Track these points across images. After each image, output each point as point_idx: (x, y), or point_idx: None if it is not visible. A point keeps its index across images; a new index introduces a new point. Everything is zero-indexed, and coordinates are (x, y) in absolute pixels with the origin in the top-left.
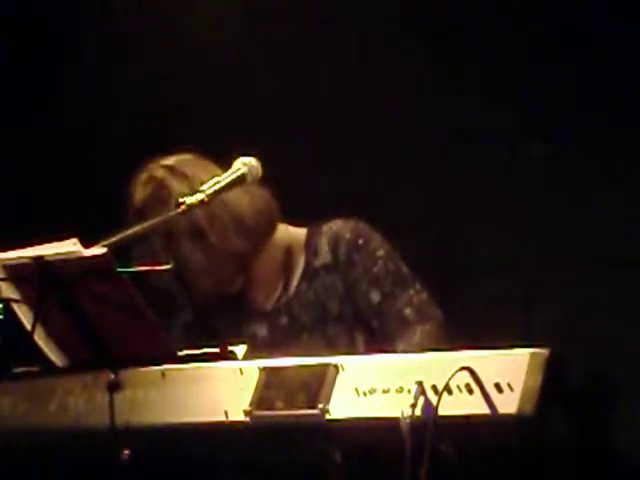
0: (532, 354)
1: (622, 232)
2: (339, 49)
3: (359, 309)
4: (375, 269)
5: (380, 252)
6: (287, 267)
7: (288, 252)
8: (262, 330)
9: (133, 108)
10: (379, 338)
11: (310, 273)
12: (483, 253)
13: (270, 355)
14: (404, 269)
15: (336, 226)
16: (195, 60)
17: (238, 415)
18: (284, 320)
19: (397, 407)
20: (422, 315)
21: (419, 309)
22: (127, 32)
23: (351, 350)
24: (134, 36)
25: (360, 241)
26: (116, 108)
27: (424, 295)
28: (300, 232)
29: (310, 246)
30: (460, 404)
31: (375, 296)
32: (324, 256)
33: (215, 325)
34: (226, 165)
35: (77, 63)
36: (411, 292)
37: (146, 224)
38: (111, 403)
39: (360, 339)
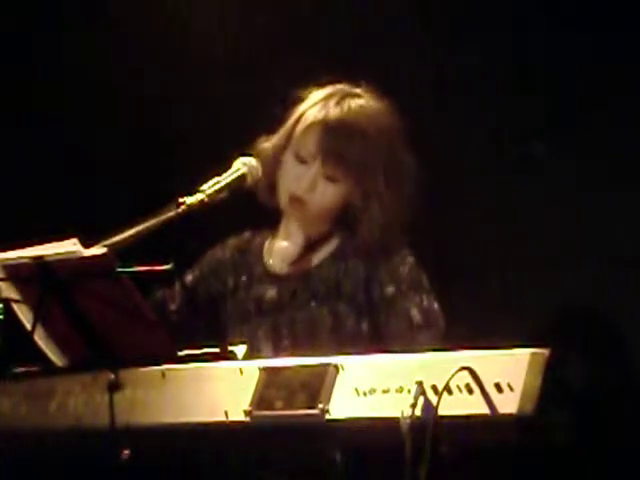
0: (532, 354)
1: (622, 232)
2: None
3: (372, 299)
4: (400, 269)
5: (410, 259)
6: (318, 240)
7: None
8: (271, 292)
9: (133, 108)
10: (382, 333)
11: (339, 255)
12: (483, 253)
13: (274, 320)
14: (425, 281)
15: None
16: (196, 60)
17: (238, 415)
18: (296, 286)
19: (397, 407)
20: (427, 320)
21: (426, 314)
22: (127, 32)
23: (354, 335)
24: (134, 36)
25: (397, 245)
26: (116, 108)
27: (435, 305)
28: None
29: (347, 230)
30: (460, 404)
31: (390, 290)
32: (358, 241)
33: (228, 280)
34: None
35: (77, 63)
36: (423, 297)
37: (146, 224)
38: (111, 403)
39: (365, 328)
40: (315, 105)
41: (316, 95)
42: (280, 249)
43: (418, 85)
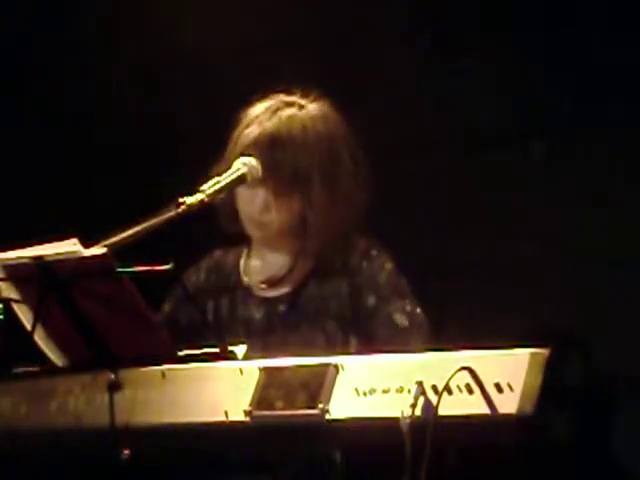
0: (532, 354)
1: (622, 232)
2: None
3: (357, 313)
4: (378, 277)
5: (388, 265)
6: (296, 263)
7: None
8: (258, 314)
9: (133, 108)
10: (370, 342)
11: (320, 273)
12: (483, 253)
13: (264, 342)
14: (406, 285)
15: (351, 237)
16: (196, 60)
17: (238, 415)
18: (283, 308)
19: (397, 407)
20: (412, 322)
21: (410, 317)
22: (127, 31)
23: (343, 350)
24: (134, 35)
25: (373, 252)
26: (116, 108)
27: (417, 309)
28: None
29: (324, 251)
30: (460, 404)
31: (371, 300)
32: (336, 261)
33: (208, 304)
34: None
35: (77, 62)
36: (406, 301)
37: (146, 224)
38: (111, 403)
39: (353, 342)
40: (248, 126)
41: (250, 114)
42: (257, 270)
43: (418, 85)
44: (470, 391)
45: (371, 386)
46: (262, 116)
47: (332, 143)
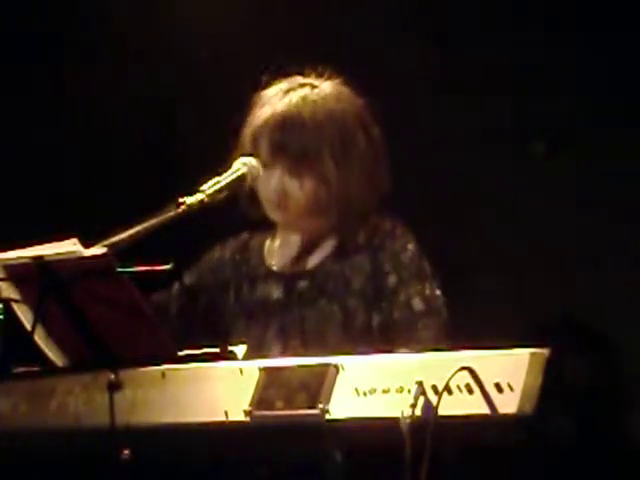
0: (532, 354)
1: (622, 232)
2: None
3: (379, 290)
4: (402, 256)
5: (411, 246)
6: (316, 238)
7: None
8: (277, 292)
9: (133, 108)
10: (388, 324)
11: (341, 251)
12: (483, 253)
13: (282, 321)
14: (427, 267)
15: (374, 217)
16: (196, 60)
17: (238, 415)
18: (303, 285)
19: (397, 407)
20: (429, 307)
21: (427, 302)
22: (127, 32)
23: (365, 330)
24: (135, 35)
25: (397, 231)
26: (116, 108)
27: (437, 292)
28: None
29: (344, 229)
30: (460, 404)
31: (392, 279)
32: (359, 239)
33: (230, 283)
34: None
35: (77, 62)
36: (426, 285)
37: (146, 224)
38: (111, 403)
39: (376, 322)
40: (262, 108)
41: (262, 97)
42: (280, 250)
43: (418, 85)
44: (470, 391)
45: (371, 386)
46: (274, 98)
47: (344, 122)
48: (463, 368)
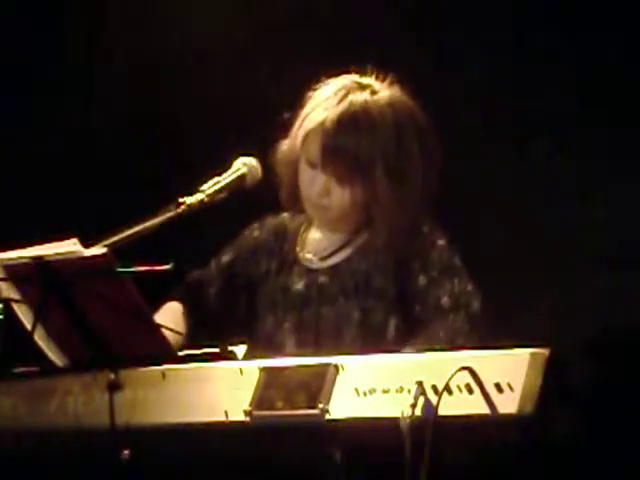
0: (532, 354)
1: (622, 232)
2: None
3: (404, 290)
4: (431, 254)
5: (440, 242)
6: (347, 235)
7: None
8: (299, 284)
9: (133, 108)
10: (414, 325)
11: (368, 249)
12: (483, 253)
13: (300, 315)
14: (457, 261)
15: None
16: (196, 60)
17: (238, 415)
18: (324, 279)
19: (397, 407)
20: (456, 304)
21: (456, 298)
22: (127, 31)
23: (380, 331)
24: (134, 35)
25: (425, 229)
26: (116, 108)
27: (468, 286)
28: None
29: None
30: (460, 404)
31: (422, 280)
32: (385, 235)
33: (258, 265)
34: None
35: (77, 63)
36: (455, 281)
37: (146, 224)
38: (111, 403)
39: (393, 323)
40: (318, 106)
41: (320, 95)
42: (310, 243)
43: (418, 84)
44: (470, 391)
45: (371, 386)
46: (331, 99)
47: (401, 134)
48: (463, 368)
